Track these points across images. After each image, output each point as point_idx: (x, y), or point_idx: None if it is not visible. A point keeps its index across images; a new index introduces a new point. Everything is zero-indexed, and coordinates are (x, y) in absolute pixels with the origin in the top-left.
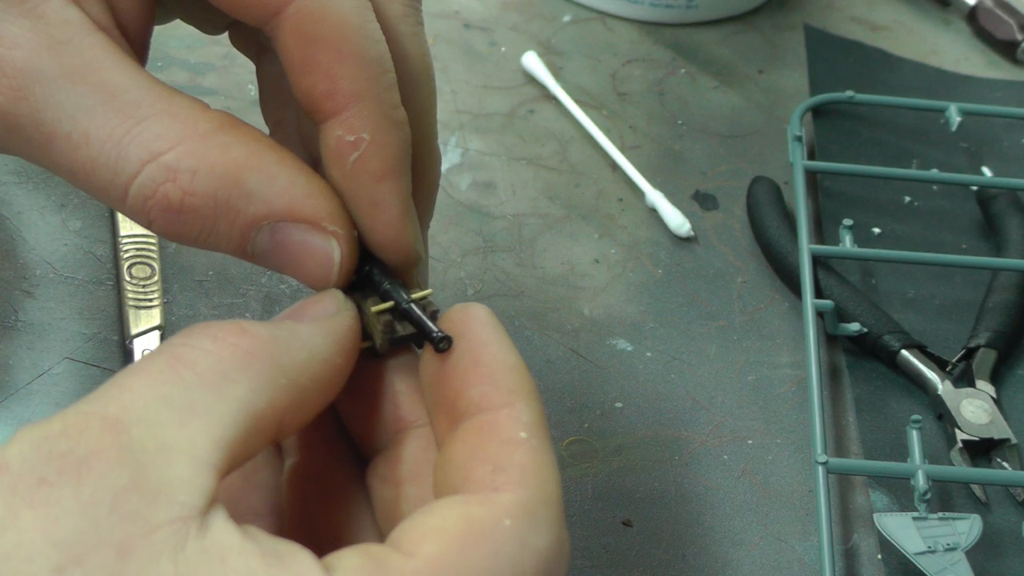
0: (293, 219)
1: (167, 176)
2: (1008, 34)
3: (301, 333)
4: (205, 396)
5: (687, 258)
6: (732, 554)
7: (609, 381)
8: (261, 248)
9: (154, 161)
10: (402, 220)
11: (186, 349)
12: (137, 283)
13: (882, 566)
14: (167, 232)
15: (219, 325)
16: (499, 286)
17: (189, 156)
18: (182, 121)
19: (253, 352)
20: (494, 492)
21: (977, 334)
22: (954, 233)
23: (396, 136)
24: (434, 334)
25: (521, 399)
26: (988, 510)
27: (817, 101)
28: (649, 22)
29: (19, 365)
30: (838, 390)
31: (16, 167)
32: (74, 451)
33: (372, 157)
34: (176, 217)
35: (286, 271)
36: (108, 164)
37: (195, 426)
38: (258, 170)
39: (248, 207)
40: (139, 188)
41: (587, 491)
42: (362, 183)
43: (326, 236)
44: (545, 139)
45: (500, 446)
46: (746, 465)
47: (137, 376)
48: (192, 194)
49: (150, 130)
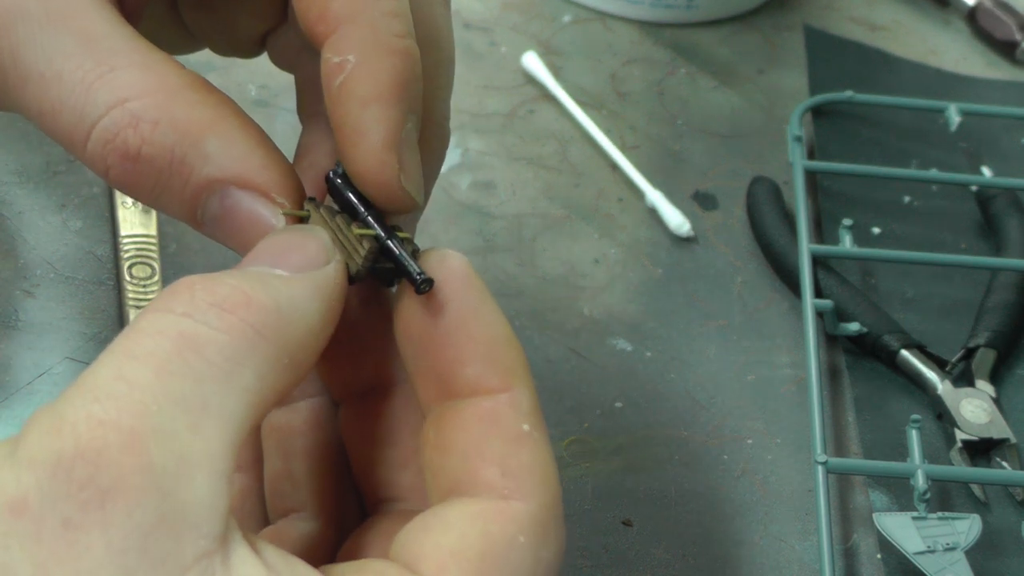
0: (245, 186)
1: (129, 122)
2: (1007, 34)
3: (297, 299)
4: (215, 390)
5: (687, 258)
6: (732, 554)
7: (609, 381)
8: (211, 214)
9: (120, 107)
10: (385, 151)
11: (191, 325)
12: (137, 283)
13: (882, 566)
14: (122, 182)
15: (221, 290)
16: (499, 286)
17: (154, 107)
18: (155, 74)
19: (260, 331)
20: (505, 501)
21: (977, 334)
22: (954, 233)
23: (389, 62)
24: (416, 273)
25: (519, 381)
26: (988, 510)
27: (817, 101)
28: (649, 22)
29: (20, 365)
30: (838, 390)
31: (16, 167)
32: (95, 480)
33: (358, 81)
34: (131, 166)
35: (231, 242)
36: (76, 107)
37: (209, 429)
38: (219, 133)
39: (203, 167)
40: (101, 132)
41: (587, 491)
42: (347, 108)
43: (274, 208)
44: (545, 139)
45: (505, 443)
46: (746, 465)
47: (142, 365)
48: (150, 144)
49: (121, 78)
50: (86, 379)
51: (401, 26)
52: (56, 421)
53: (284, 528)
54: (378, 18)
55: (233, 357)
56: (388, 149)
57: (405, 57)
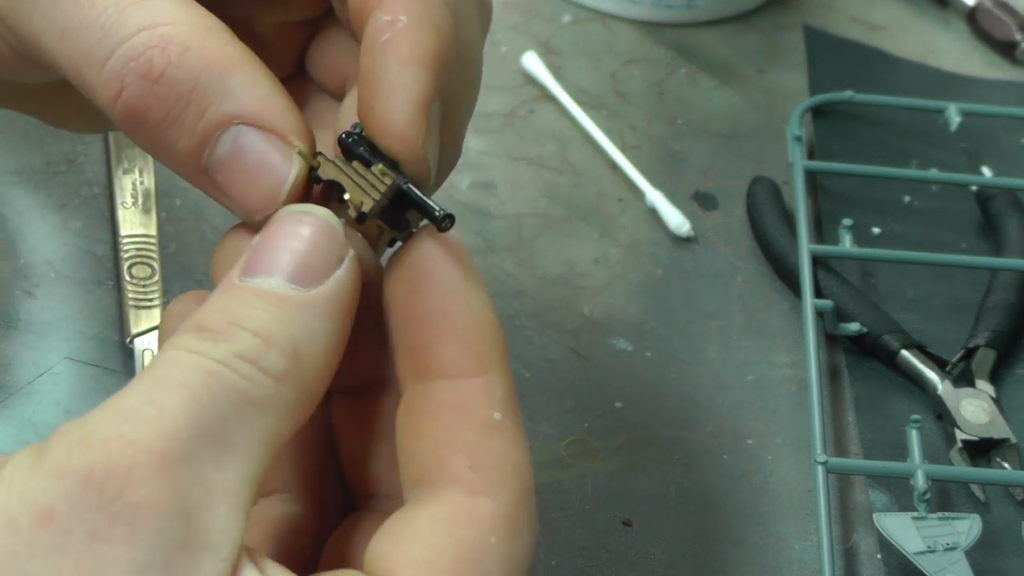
0: (263, 126)
1: (158, 43)
2: (1007, 34)
3: (314, 329)
4: (238, 429)
5: (687, 258)
6: (732, 554)
7: (609, 381)
8: (219, 155)
9: (150, 29)
10: (417, 109)
11: (217, 368)
12: (137, 283)
13: (882, 566)
14: (131, 106)
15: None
16: (499, 286)
17: (186, 34)
18: (191, 11)
19: (279, 378)
20: (474, 499)
21: (977, 334)
22: (954, 233)
23: (436, 35)
24: (436, 212)
25: (495, 367)
26: (988, 510)
27: (817, 101)
28: (649, 22)
29: (20, 365)
30: (838, 390)
31: (17, 167)
32: (125, 496)
33: (404, 40)
34: (149, 87)
35: (233, 188)
36: (104, 25)
37: (231, 465)
38: (245, 71)
39: (223, 101)
40: (125, 50)
41: (587, 491)
42: (387, 63)
43: (287, 153)
44: (545, 139)
45: (475, 431)
46: (746, 465)
47: (174, 393)
48: (177, 66)
49: (156, 6)
50: (116, 401)
51: (446, 14)
52: (86, 436)
53: (266, 508)
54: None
55: (255, 402)
56: (420, 108)
57: (447, 38)
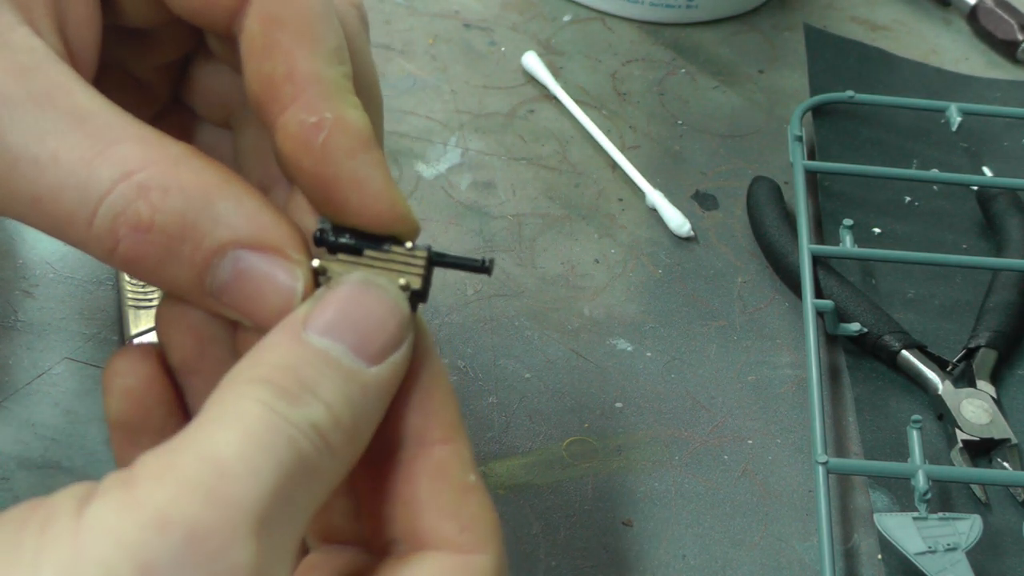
0: (259, 246)
1: (139, 193)
2: (1008, 34)
3: (372, 405)
4: (300, 494)
5: (687, 258)
6: (732, 554)
7: (609, 381)
8: (221, 280)
9: (127, 180)
10: (391, 190)
11: (298, 435)
12: (136, 283)
13: (882, 566)
14: (130, 256)
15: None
16: (499, 286)
17: (161, 176)
18: (153, 146)
19: (338, 453)
20: (466, 556)
21: (977, 334)
22: (954, 233)
23: (359, 116)
24: (479, 261)
25: (458, 433)
26: (988, 510)
27: (817, 101)
28: (649, 22)
29: (19, 365)
30: (838, 390)
31: None
32: (227, 558)
33: (340, 134)
34: (143, 237)
35: (243, 307)
36: (78, 185)
37: (291, 530)
38: (227, 195)
39: (214, 230)
40: (110, 207)
41: (587, 491)
42: (338, 162)
43: (290, 267)
44: (545, 139)
45: (456, 495)
46: (746, 465)
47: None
48: (162, 211)
49: (121, 153)
50: (205, 447)
51: (352, 88)
52: (182, 481)
53: None
54: (341, 81)
55: (315, 472)
56: (389, 183)
57: (374, 101)
